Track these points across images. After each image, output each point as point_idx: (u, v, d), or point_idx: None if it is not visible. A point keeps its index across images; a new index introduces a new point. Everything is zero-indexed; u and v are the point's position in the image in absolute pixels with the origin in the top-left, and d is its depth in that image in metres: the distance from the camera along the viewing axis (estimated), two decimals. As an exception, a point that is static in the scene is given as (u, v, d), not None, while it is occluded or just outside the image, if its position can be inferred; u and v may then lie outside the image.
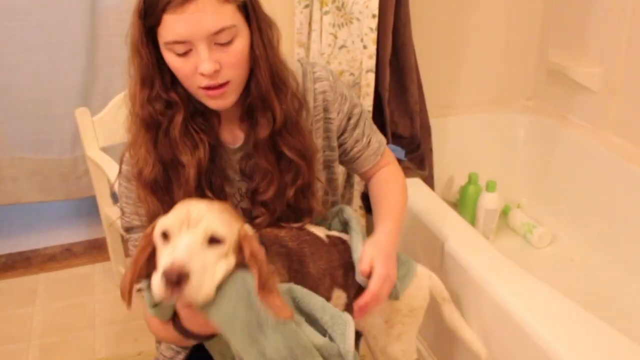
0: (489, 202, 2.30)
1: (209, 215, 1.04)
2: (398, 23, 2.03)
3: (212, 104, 1.20)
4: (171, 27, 1.10)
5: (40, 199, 2.72)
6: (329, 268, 1.27)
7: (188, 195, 1.20)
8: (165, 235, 1.04)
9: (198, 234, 1.01)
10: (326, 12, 1.92)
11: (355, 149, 1.44)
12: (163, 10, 1.09)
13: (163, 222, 1.05)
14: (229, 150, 1.30)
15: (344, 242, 1.35)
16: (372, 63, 1.96)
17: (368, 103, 1.99)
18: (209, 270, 1.01)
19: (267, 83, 1.20)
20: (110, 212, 2.22)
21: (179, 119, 1.20)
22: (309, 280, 1.21)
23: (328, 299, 1.22)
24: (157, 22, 1.11)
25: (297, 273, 1.20)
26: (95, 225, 2.68)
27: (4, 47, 2.37)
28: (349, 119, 1.40)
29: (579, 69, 2.40)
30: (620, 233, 2.19)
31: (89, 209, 2.73)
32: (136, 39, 1.15)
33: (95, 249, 2.75)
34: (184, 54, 1.13)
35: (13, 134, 2.56)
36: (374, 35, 1.93)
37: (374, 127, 1.49)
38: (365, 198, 2.08)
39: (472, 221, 2.36)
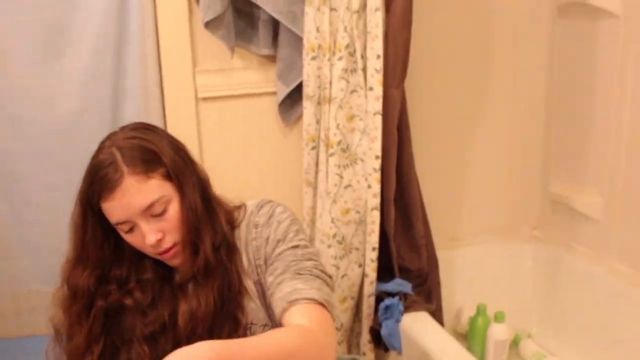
0: (498, 333, 2.30)
1: None
2: (402, 162, 2.12)
3: (171, 263, 1.33)
4: (109, 212, 1.24)
5: (55, 331, 2.74)
6: None
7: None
8: None
9: None
10: (332, 154, 2.02)
11: (266, 285, 1.33)
12: (99, 200, 1.23)
13: None
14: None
15: None
16: (376, 201, 2.03)
17: (374, 240, 2.04)
18: None
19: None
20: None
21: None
22: None
23: None
24: (100, 209, 1.25)
25: None
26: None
27: (29, 185, 2.49)
28: (267, 259, 1.34)
29: (580, 199, 2.48)
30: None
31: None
32: (79, 221, 1.31)
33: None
34: (131, 230, 1.26)
35: (32, 267, 2.62)
36: (378, 175, 2.01)
37: (305, 276, 1.27)
38: (374, 332, 2.10)
39: (483, 352, 2.35)
